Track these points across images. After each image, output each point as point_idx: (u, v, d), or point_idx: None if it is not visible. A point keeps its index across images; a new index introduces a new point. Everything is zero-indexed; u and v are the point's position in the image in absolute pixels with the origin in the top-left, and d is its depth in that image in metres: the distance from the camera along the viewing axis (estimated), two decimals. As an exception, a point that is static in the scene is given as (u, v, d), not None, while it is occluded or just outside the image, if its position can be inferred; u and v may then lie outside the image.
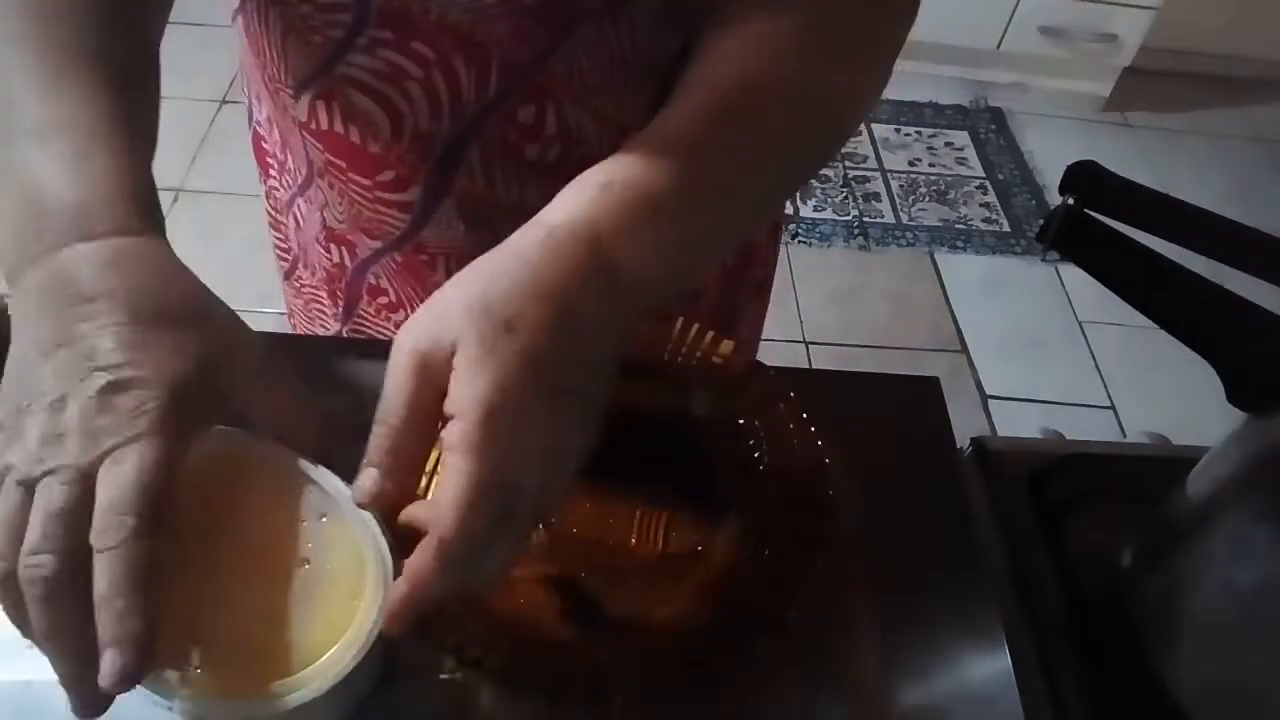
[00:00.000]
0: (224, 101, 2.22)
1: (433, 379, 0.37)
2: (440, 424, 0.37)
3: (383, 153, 0.59)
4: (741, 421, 0.55)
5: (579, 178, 0.41)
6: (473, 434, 0.35)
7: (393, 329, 0.70)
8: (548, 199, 0.61)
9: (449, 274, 0.65)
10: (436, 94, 0.56)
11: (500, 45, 0.54)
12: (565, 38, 0.54)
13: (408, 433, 0.37)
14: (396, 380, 0.37)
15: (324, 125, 0.59)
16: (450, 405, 0.36)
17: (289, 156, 0.66)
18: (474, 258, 0.63)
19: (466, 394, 0.35)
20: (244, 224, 1.91)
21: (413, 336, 0.37)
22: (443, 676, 0.47)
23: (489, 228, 0.62)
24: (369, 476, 0.37)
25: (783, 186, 0.50)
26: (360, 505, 0.37)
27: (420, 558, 0.35)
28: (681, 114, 0.44)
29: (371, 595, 0.39)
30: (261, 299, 1.74)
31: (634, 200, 0.40)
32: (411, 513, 0.38)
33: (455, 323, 0.37)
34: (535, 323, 0.37)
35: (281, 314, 0.83)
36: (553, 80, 0.56)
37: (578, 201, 0.40)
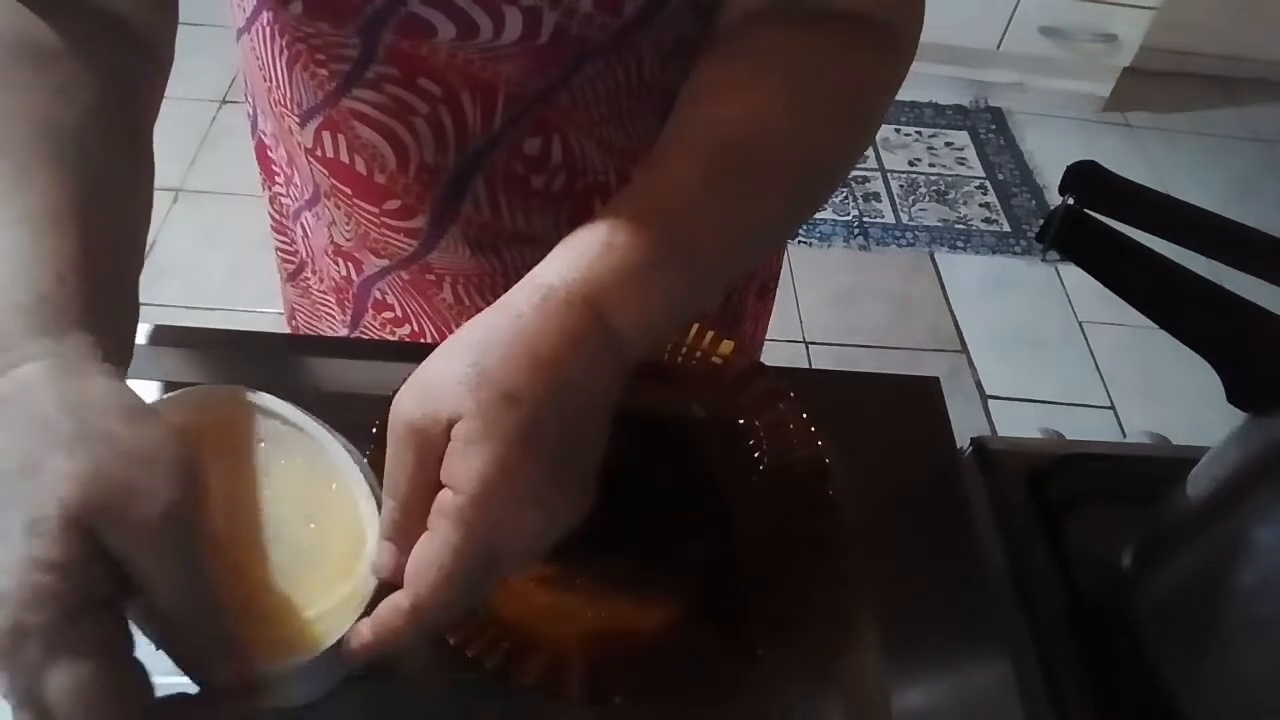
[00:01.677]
0: (224, 101, 2.22)
1: (431, 452, 0.36)
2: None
3: (388, 183, 0.59)
4: (741, 421, 0.55)
5: (573, 237, 0.40)
6: (467, 509, 0.34)
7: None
8: (554, 225, 0.61)
9: (455, 294, 0.65)
10: (442, 129, 0.55)
11: (507, 81, 0.53)
12: (572, 73, 0.54)
13: (412, 507, 0.36)
14: (396, 456, 0.36)
15: (329, 154, 0.59)
16: (446, 477, 0.35)
17: (295, 173, 0.66)
18: (480, 280, 0.64)
19: (464, 470, 0.35)
20: (244, 224, 1.90)
21: (408, 409, 0.36)
22: (443, 677, 0.47)
23: (495, 253, 0.62)
24: (386, 550, 0.37)
25: (773, 238, 0.50)
26: (380, 579, 0.37)
27: (390, 615, 0.35)
28: (674, 174, 0.43)
29: (358, 584, 0.39)
30: (261, 299, 1.74)
31: (631, 262, 0.39)
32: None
33: (451, 396, 0.35)
34: (536, 393, 0.36)
35: (282, 314, 0.83)
36: (558, 113, 0.55)
37: (575, 262, 0.39)
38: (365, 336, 0.72)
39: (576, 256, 0.39)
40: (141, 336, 0.61)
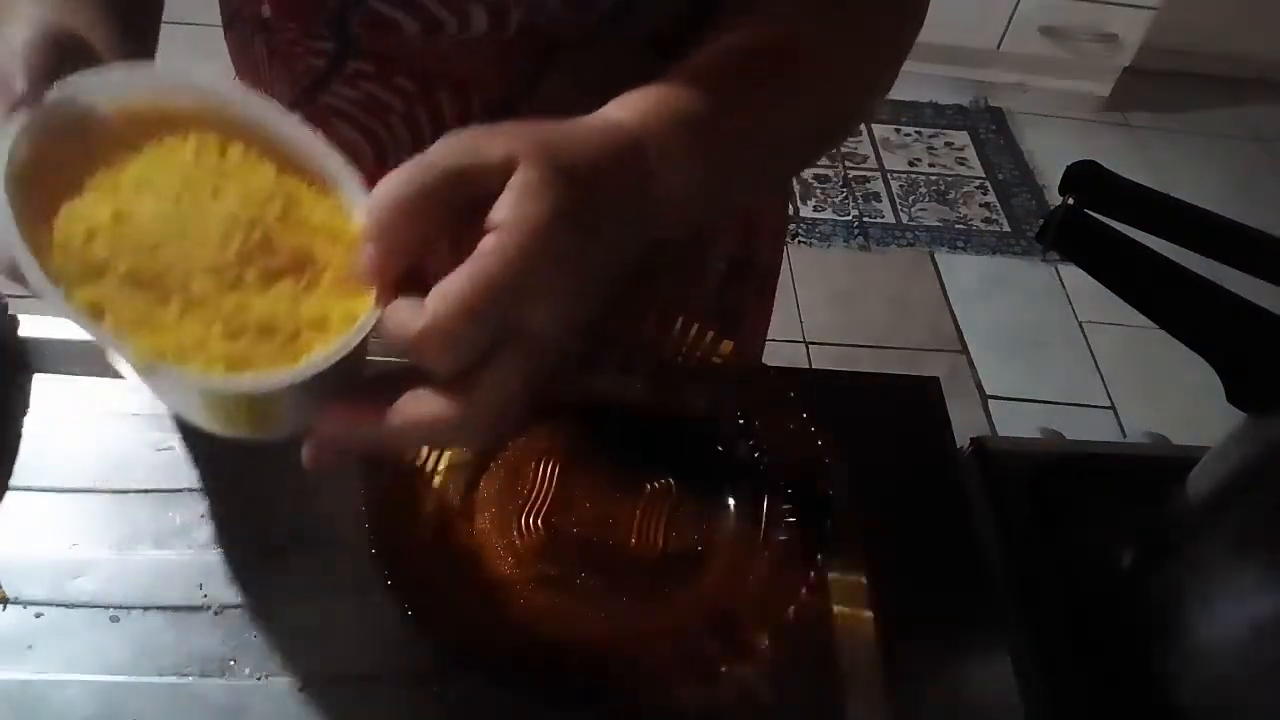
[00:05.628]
0: (224, 101, 2.22)
1: (467, 168, 0.35)
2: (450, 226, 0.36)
3: (368, 181, 0.59)
4: (741, 421, 0.55)
5: (623, 95, 0.42)
6: (510, 246, 0.34)
7: None
8: None
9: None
10: (419, 127, 0.56)
11: (480, 79, 0.54)
12: (544, 70, 0.54)
13: (414, 214, 0.35)
14: (430, 154, 0.36)
15: None
16: (494, 218, 0.34)
17: None
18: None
19: (518, 211, 0.34)
20: (244, 224, 1.90)
21: (463, 133, 0.36)
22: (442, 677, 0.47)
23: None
24: (371, 249, 0.36)
25: (800, 146, 0.50)
26: (362, 271, 0.36)
27: (397, 327, 0.34)
28: (708, 54, 0.44)
29: (362, 304, 0.36)
30: (261, 299, 1.73)
31: (667, 114, 0.41)
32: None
33: (519, 143, 0.35)
34: (593, 181, 0.36)
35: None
36: (534, 113, 0.56)
37: (625, 106, 0.41)
38: None
39: (625, 102, 0.41)
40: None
